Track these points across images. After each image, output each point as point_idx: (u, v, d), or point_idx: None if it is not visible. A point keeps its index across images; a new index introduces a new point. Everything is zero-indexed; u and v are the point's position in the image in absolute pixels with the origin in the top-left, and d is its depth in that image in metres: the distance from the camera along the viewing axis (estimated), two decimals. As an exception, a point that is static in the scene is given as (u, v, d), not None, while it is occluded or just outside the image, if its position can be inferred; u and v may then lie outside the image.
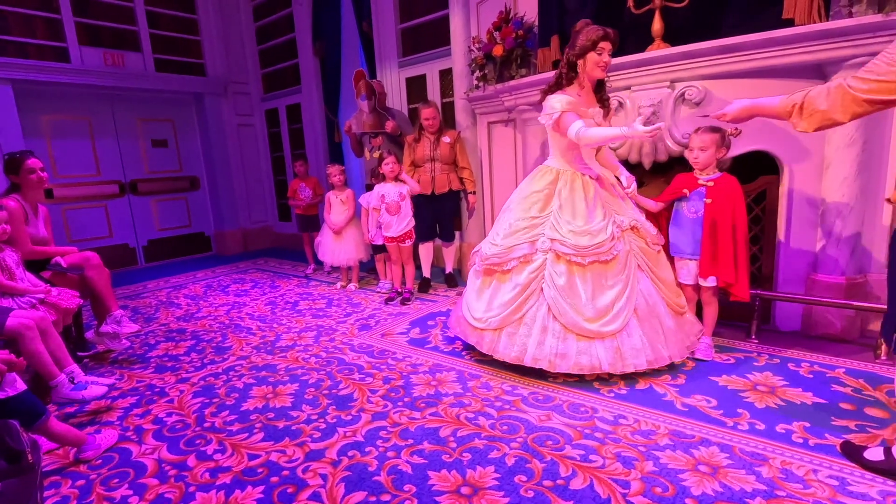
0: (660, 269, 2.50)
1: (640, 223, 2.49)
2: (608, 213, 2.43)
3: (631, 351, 2.28)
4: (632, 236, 2.45)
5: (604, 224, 2.37)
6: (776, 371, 2.36)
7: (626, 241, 2.40)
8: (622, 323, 2.29)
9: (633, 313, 2.33)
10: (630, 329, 2.31)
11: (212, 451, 1.97)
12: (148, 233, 6.17)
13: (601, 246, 2.32)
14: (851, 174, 2.55)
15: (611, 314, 2.30)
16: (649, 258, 2.47)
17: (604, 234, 2.33)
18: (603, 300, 2.32)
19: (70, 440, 1.93)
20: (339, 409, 2.23)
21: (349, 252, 4.30)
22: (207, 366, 2.84)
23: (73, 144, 5.51)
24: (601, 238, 2.32)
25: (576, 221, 2.40)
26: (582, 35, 2.39)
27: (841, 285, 2.64)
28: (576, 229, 2.37)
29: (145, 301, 4.39)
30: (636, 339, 2.30)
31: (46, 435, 1.83)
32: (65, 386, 2.21)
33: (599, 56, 2.37)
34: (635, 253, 2.43)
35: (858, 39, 2.34)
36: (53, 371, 2.20)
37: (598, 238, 2.33)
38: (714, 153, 2.42)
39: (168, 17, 6.01)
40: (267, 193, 7.10)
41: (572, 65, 2.45)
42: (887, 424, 1.88)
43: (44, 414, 1.78)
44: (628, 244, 2.40)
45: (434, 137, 4.00)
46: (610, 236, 2.34)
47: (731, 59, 2.65)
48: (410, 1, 4.97)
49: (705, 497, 1.55)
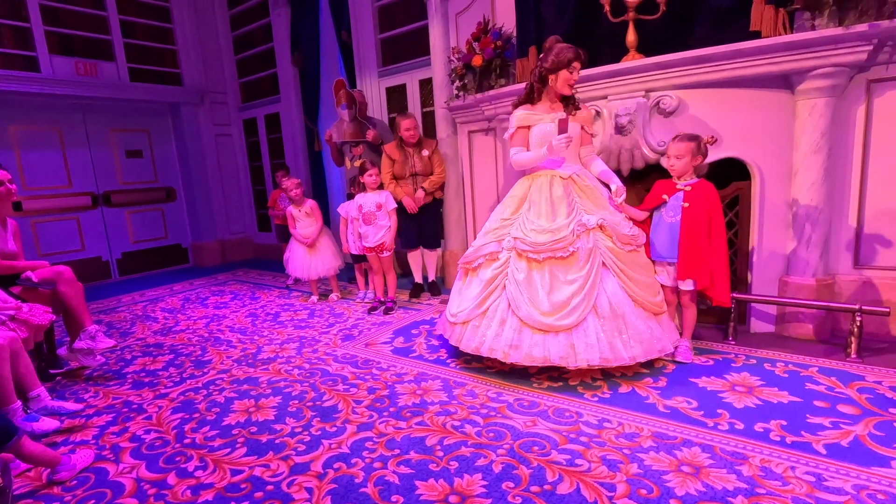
0: (633, 268, 2.47)
1: (608, 222, 2.45)
2: (574, 211, 2.49)
3: (585, 346, 2.32)
4: (599, 235, 2.45)
5: (566, 222, 2.44)
6: (753, 371, 2.42)
7: (590, 239, 2.42)
8: (577, 318, 2.33)
9: (591, 310, 2.36)
10: (586, 325, 2.34)
11: (193, 468, 1.92)
12: (122, 245, 6.03)
13: (558, 243, 2.39)
14: (818, 179, 2.65)
15: (567, 309, 2.35)
16: (618, 257, 2.43)
17: (563, 232, 2.41)
18: (559, 295, 2.37)
19: (44, 461, 1.86)
20: (323, 421, 2.21)
21: (327, 262, 4.26)
22: (187, 380, 2.77)
23: (43, 155, 5.36)
24: (560, 235, 2.40)
25: (539, 221, 2.51)
26: (554, 53, 2.53)
27: (812, 286, 2.73)
28: (537, 228, 2.48)
29: (120, 315, 4.27)
30: (591, 336, 2.33)
31: (19, 455, 1.77)
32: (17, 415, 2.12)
33: (570, 74, 2.53)
34: (602, 251, 2.42)
35: (821, 51, 2.45)
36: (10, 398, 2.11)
37: (556, 235, 2.41)
38: (690, 161, 2.49)
39: (143, 27, 5.93)
40: (245, 204, 7.01)
41: (544, 79, 2.59)
42: (859, 420, 1.95)
43: (15, 434, 1.72)
44: (592, 242, 2.42)
45: (414, 150, 4.00)
46: (570, 234, 2.40)
47: (702, 70, 2.74)
48: (390, 11, 5.01)
49: (689, 497, 1.58)
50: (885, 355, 2.51)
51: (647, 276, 2.56)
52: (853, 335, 2.48)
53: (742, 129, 2.78)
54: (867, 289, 2.74)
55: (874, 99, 2.60)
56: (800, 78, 2.58)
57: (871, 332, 2.67)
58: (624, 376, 2.45)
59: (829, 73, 2.50)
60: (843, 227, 2.78)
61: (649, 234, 2.69)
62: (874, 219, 2.70)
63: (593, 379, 2.44)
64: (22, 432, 1.75)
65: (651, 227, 2.69)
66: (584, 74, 2.99)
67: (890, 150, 2.60)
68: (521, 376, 2.53)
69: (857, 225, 2.75)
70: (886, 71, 2.54)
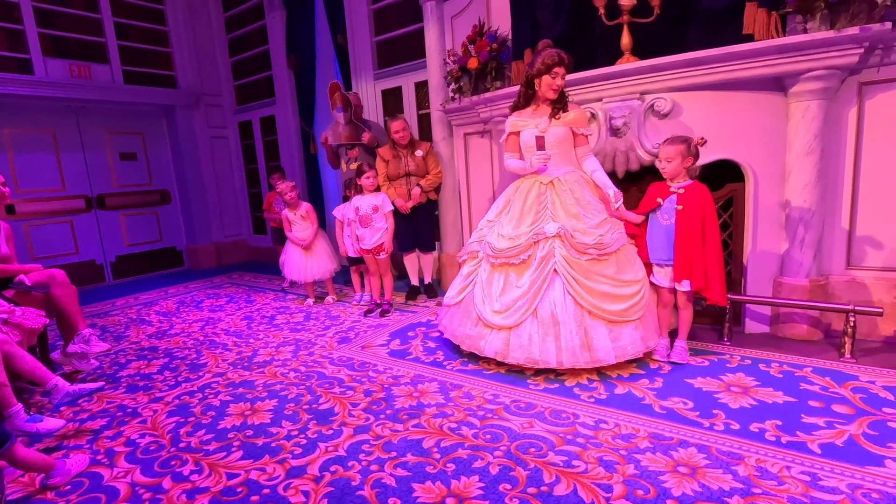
0: (587, 276, 2.45)
1: (569, 231, 2.48)
2: (540, 219, 2.59)
3: (518, 345, 2.50)
4: (557, 244, 2.51)
5: (527, 230, 2.59)
6: (748, 372, 2.44)
7: (545, 247, 2.52)
8: (516, 320, 2.51)
9: (531, 314, 2.50)
10: (522, 328, 2.50)
11: (188, 472, 1.91)
12: (116, 248, 5.99)
13: (513, 250, 2.58)
14: (811, 181, 2.68)
15: (510, 310, 2.54)
16: (572, 266, 2.46)
17: (521, 240, 2.58)
18: (509, 297, 2.57)
19: (37, 466, 1.84)
20: (319, 424, 2.20)
21: (322, 265, 4.25)
22: (182, 384, 2.76)
23: (37, 158, 5.32)
24: (517, 243, 2.58)
25: (508, 227, 2.68)
26: (539, 58, 2.61)
27: (805, 287, 2.75)
28: (503, 234, 2.67)
29: (114, 319, 4.24)
30: (524, 337, 2.49)
31: (12, 462, 1.75)
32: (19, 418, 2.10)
33: (553, 79, 2.61)
34: (556, 259, 2.49)
35: (813, 54, 2.47)
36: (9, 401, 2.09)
37: (515, 242, 2.59)
38: (681, 163, 2.51)
39: (137, 29, 5.91)
40: (241, 206, 6.99)
41: (531, 83, 2.70)
42: (853, 420, 1.96)
43: (8, 440, 1.70)
44: (547, 250, 2.51)
45: (407, 151, 4.01)
46: (527, 242, 2.56)
47: (696, 72, 2.76)
48: (385, 14, 5.01)
49: (685, 497, 1.58)
50: (879, 355, 2.53)
51: (613, 285, 2.47)
52: (847, 335, 2.50)
53: (736, 131, 2.81)
54: (859, 289, 2.76)
55: (866, 101, 2.63)
56: (792, 80, 2.61)
57: (864, 332, 2.70)
58: (620, 377, 2.46)
59: (822, 75, 2.53)
60: (836, 228, 2.80)
61: (645, 237, 2.70)
62: (866, 220, 2.72)
63: (589, 380, 2.45)
64: (14, 438, 1.73)
65: (647, 230, 2.70)
66: (579, 77, 3.02)
67: (881, 151, 2.63)
68: (517, 378, 2.53)
69: (850, 226, 2.77)
70: (877, 73, 2.57)
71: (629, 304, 2.48)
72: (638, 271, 2.57)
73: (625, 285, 2.50)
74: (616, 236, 2.54)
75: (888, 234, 2.68)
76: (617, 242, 2.53)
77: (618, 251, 2.54)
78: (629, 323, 2.48)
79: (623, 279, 2.51)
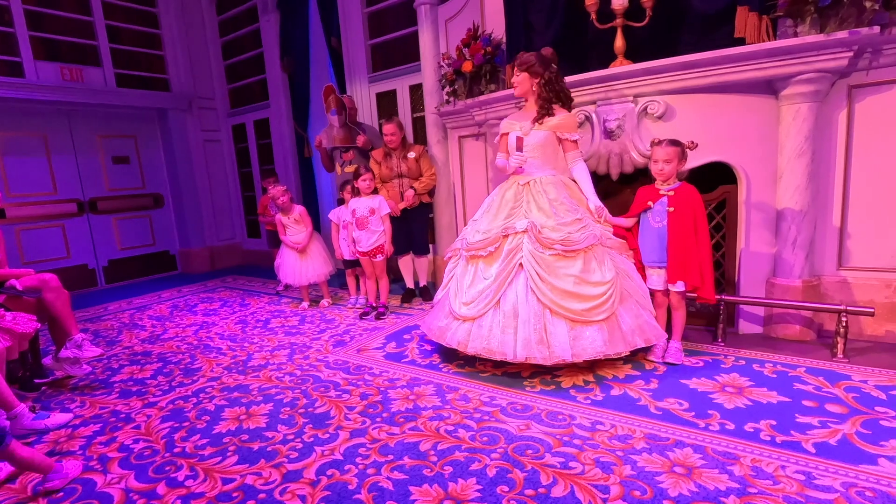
0: (552, 273, 2.44)
1: (536, 227, 2.52)
2: (512, 215, 2.66)
3: (477, 336, 2.53)
4: (525, 239, 2.54)
5: (499, 225, 2.66)
6: (742, 372, 2.45)
7: (514, 241, 2.57)
8: (478, 311, 2.55)
9: (494, 305, 2.53)
10: (484, 318, 2.54)
11: (183, 478, 1.89)
12: (109, 252, 5.94)
13: (481, 242, 2.66)
14: (803, 183, 2.70)
15: (475, 301, 2.59)
16: (537, 261, 2.47)
17: (492, 234, 2.64)
18: (475, 289, 2.62)
19: (36, 466, 1.81)
20: (315, 428, 2.19)
21: (317, 268, 4.24)
22: (176, 389, 2.74)
23: (28, 162, 5.27)
24: (485, 237, 2.66)
25: (483, 223, 2.76)
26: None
27: (798, 288, 2.77)
28: (479, 230, 2.74)
29: (107, 324, 4.21)
30: (485, 328, 2.52)
31: (11, 461, 1.72)
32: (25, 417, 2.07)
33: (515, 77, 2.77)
34: (524, 255, 2.51)
35: (804, 57, 2.51)
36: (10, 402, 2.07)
37: (486, 236, 2.66)
38: (676, 165, 2.53)
39: (130, 32, 5.88)
40: (235, 210, 6.96)
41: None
42: (847, 419, 1.98)
43: (5, 438, 1.68)
44: (515, 244, 2.56)
45: (399, 153, 4.01)
46: (493, 237, 2.62)
47: (689, 75, 2.79)
48: (380, 17, 5.02)
49: (682, 498, 1.59)
50: (871, 354, 2.56)
51: (576, 283, 2.43)
52: (839, 335, 2.53)
53: (728, 133, 2.83)
54: (851, 289, 2.79)
55: (855, 104, 2.66)
56: (783, 83, 2.64)
57: (856, 331, 2.73)
58: (616, 378, 2.47)
59: (812, 78, 2.56)
60: (828, 229, 2.83)
61: (637, 240, 2.72)
62: (856, 220, 2.76)
63: (585, 382, 2.45)
64: (10, 437, 1.71)
65: (638, 233, 2.71)
66: (573, 80, 3.04)
67: (871, 153, 2.66)
68: (513, 380, 2.53)
69: (841, 227, 2.80)
70: (867, 76, 2.61)
71: (592, 305, 2.41)
72: (607, 273, 2.47)
73: (590, 285, 2.44)
74: (586, 235, 2.50)
75: (878, 234, 2.71)
76: (586, 241, 2.48)
77: (587, 250, 2.49)
78: (592, 324, 2.41)
79: (589, 279, 2.45)
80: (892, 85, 2.57)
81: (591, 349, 2.39)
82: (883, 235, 2.70)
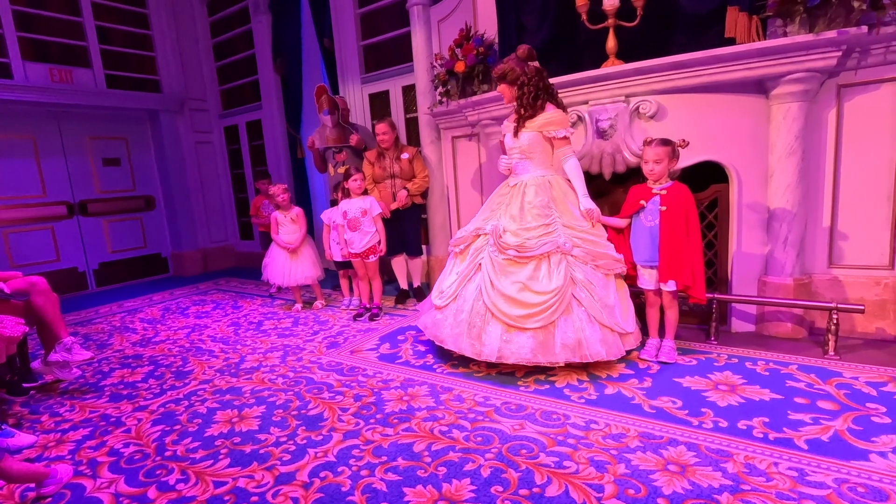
0: (501, 276, 2.52)
1: (497, 230, 2.60)
2: (490, 217, 2.76)
3: (432, 323, 2.80)
4: (490, 241, 2.65)
5: (475, 227, 2.80)
6: (735, 370, 2.46)
7: (480, 242, 2.73)
8: (444, 302, 2.74)
9: (453, 299, 2.72)
10: (447, 310, 2.73)
11: (174, 481, 1.87)
12: (99, 255, 5.88)
13: (460, 240, 2.83)
14: (793, 182, 2.72)
15: (444, 293, 2.76)
16: (493, 264, 2.59)
17: (464, 233, 2.83)
18: (446, 282, 2.81)
19: (30, 478, 1.78)
20: (308, 430, 2.17)
21: (306, 270, 4.21)
22: (167, 392, 2.71)
23: (16, 164, 5.21)
24: (464, 234, 2.82)
25: (473, 222, 2.88)
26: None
27: (789, 286, 2.79)
28: (468, 227, 2.87)
29: (97, 327, 4.16)
30: (442, 318, 2.74)
31: (3, 477, 1.69)
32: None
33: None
34: (484, 257, 2.65)
35: (793, 57, 2.52)
36: None
37: (462, 234, 2.84)
38: (667, 164, 2.54)
39: (120, 33, 5.83)
40: (227, 211, 6.91)
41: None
42: (838, 416, 1.99)
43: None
44: (480, 245, 2.72)
45: (392, 154, 3.99)
46: (467, 236, 2.79)
47: (680, 75, 2.80)
48: (372, 18, 5.01)
49: (676, 496, 1.59)
50: (861, 351, 2.58)
51: (520, 289, 2.45)
52: (830, 333, 2.54)
53: (719, 132, 2.85)
54: (841, 287, 2.81)
55: (844, 103, 2.68)
56: (774, 83, 2.65)
57: (847, 329, 2.75)
58: (610, 377, 2.47)
59: (802, 78, 2.58)
60: (818, 227, 2.85)
61: (629, 239, 2.72)
62: (846, 218, 2.78)
63: (579, 381, 2.45)
64: (2, 453, 1.67)
65: (630, 233, 2.72)
66: (565, 80, 3.04)
67: (860, 151, 2.68)
68: (508, 380, 2.53)
69: (831, 225, 2.82)
70: (855, 76, 2.63)
71: (528, 312, 2.41)
72: (555, 282, 2.44)
73: (532, 293, 2.44)
74: (544, 242, 2.49)
75: (868, 232, 2.73)
76: (541, 248, 2.48)
77: (542, 256, 2.49)
78: (525, 331, 2.43)
79: (533, 287, 2.45)
80: (880, 84, 2.59)
81: (517, 355, 2.46)
82: (872, 233, 2.72)
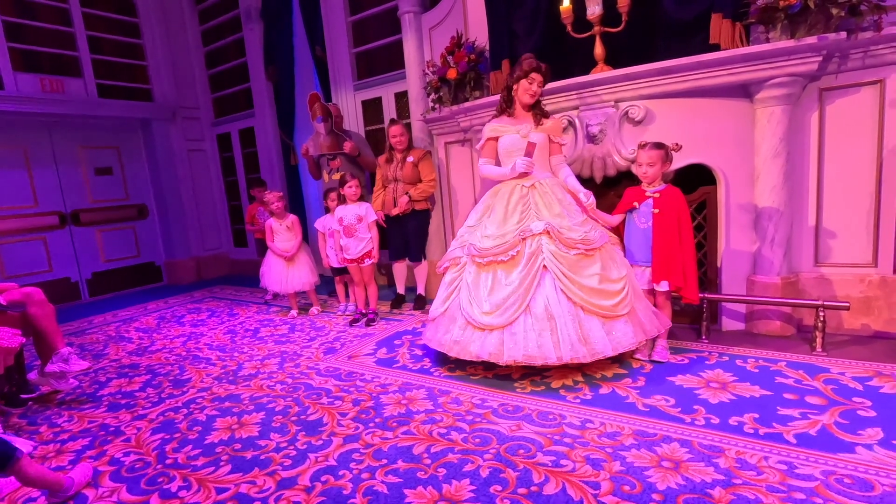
0: (577, 272, 2.48)
1: (556, 227, 2.52)
2: (525, 218, 2.62)
3: (513, 344, 2.44)
4: (545, 240, 2.53)
5: (514, 228, 2.60)
6: (726, 368, 2.52)
7: (533, 243, 2.53)
8: (509, 318, 2.46)
9: (525, 310, 2.46)
10: (516, 325, 2.46)
11: (176, 489, 1.88)
12: (92, 265, 5.85)
13: (500, 248, 2.57)
14: (779, 183, 2.79)
15: (501, 309, 2.49)
16: (560, 261, 2.48)
17: (508, 237, 2.57)
18: (498, 295, 2.52)
19: (47, 483, 1.79)
20: (309, 435, 2.20)
21: (303, 277, 4.24)
22: (166, 400, 2.72)
23: (7, 175, 5.19)
24: (504, 241, 2.57)
25: (492, 227, 2.68)
26: (518, 65, 2.72)
27: (777, 285, 2.86)
28: (488, 234, 2.66)
29: (92, 337, 4.15)
30: (520, 334, 2.44)
31: (20, 478, 1.69)
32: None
33: (530, 84, 2.70)
34: (544, 255, 2.50)
35: (776, 62, 2.60)
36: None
37: (501, 241, 2.58)
38: (660, 167, 2.60)
39: (111, 42, 5.83)
40: (221, 219, 6.90)
41: (508, 89, 2.79)
42: (825, 410, 2.04)
43: (13, 454, 1.65)
44: (535, 246, 2.52)
45: (401, 157, 4.01)
46: (514, 239, 2.55)
47: (668, 81, 2.87)
48: (364, 25, 5.06)
49: (670, 491, 1.63)
50: (848, 347, 2.65)
51: (600, 280, 2.48)
52: (817, 329, 2.61)
53: (706, 136, 2.92)
54: (827, 285, 2.88)
55: (826, 106, 2.76)
56: (757, 87, 2.73)
57: (833, 325, 2.82)
58: (604, 378, 2.52)
59: (784, 82, 2.65)
60: (804, 226, 2.92)
61: (623, 239, 2.78)
62: (830, 218, 2.85)
63: (575, 382, 2.50)
64: (21, 453, 1.68)
65: (625, 234, 2.78)
66: (555, 86, 3.10)
67: (842, 152, 2.76)
68: (504, 382, 2.57)
69: (816, 224, 2.89)
70: (836, 80, 2.71)
71: (617, 300, 2.49)
72: (621, 268, 2.58)
73: (611, 282, 2.52)
74: (599, 234, 2.59)
75: (851, 230, 2.81)
76: (600, 240, 2.57)
77: (601, 248, 2.56)
78: (620, 318, 2.49)
79: (609, 276, 2.53)
80: (859, 88, 2.67)
81: (626, 342, 2.45)
82: (855, 231, 2.80)
